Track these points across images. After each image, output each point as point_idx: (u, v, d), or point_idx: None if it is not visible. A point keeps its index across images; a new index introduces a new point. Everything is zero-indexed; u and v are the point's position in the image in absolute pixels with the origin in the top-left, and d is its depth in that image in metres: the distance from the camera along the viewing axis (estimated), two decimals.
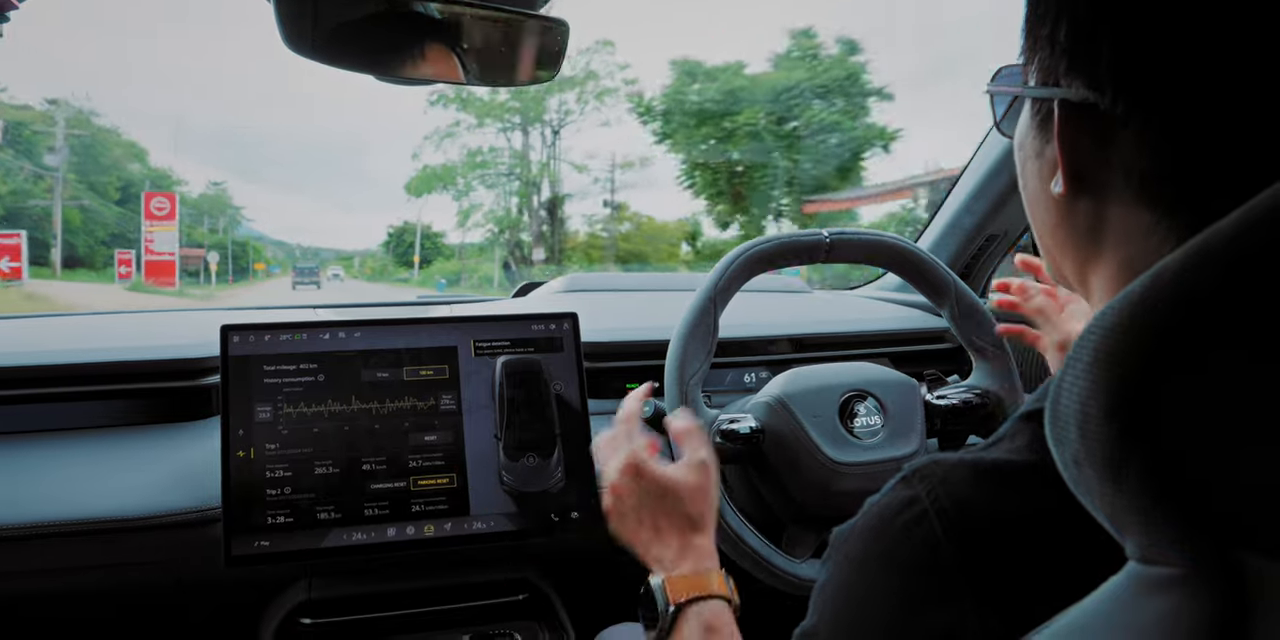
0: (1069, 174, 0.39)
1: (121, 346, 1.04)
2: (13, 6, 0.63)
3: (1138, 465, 0.26)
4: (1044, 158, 0.42)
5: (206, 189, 42.35)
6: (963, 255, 1.45)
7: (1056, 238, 0.43)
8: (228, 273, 34.53)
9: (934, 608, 0.37)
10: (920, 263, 1.02)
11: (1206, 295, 0.25)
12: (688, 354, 0.91)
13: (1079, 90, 0.37)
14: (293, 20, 0.61)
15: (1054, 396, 0.29)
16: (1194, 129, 0.35)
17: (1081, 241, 0.41)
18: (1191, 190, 0.35)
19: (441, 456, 0.93)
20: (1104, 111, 0.37)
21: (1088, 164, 0.39)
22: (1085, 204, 0.40)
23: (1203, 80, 0.34)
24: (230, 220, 40.22)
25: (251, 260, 41.41)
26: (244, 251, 41.29)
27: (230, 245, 37.26)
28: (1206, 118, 0.34)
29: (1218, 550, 0.25)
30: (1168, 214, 0.36)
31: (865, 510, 0.43)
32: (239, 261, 38.34)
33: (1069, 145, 0.39)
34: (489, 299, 1.50)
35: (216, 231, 38.75)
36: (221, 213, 39.53)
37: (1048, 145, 0.41)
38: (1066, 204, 0.41)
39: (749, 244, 0.97)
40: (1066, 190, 0.40)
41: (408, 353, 0.95)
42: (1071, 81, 0.38)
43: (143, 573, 0.92)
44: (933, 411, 0.99)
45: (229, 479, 0.87)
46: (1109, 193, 0.38)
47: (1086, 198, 0.40)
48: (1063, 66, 0.38)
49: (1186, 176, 0.35)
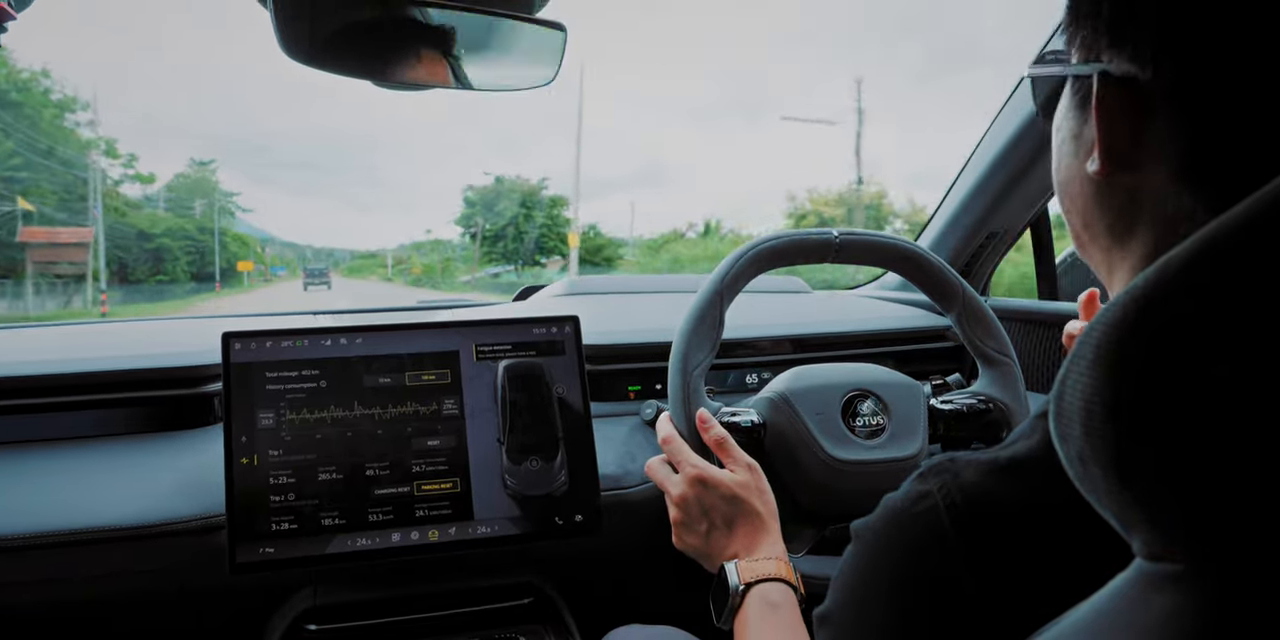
0: (1106, 150, 0.39)
1: (123, 355, 1.04)
2: (11, 17, 0.63)
3: (1142, 462, 0.26)
4: (1081, 138, 0.42)
5: (187, 168, 36.92)
6: (963, 253, 1.45)
7: (1089, 220, 0.43)
8: (187, 277, 29.53)
9: (937, 597, 0.38)
10: (929, 267, 1.02)
11: (1212, 289, 0.25)
12: (692, 345, 0.91)
13: (1121, 64, 0.37)
14: (290, 26, 0.61)
15: (1058, 392, 0.29)
16: (1235, 107, 0.34)
17: (1114, 224, 0.41)
18: (1231, 175, 0.35)
19: (445, 461, 0.93)
20: (1145, 85, 0.36)
21: (1127, 143, 0.38)
22: (1121, 183, 0.40)
23: (1248, 56, 0.34)
24: (219, 208, 34.66)
25: (235, 257, 34.78)
26: (242, 247, 34.73)
27: (218, 237, 31.79)
28: (1249, 95, 0.34)
29: (1224, 547, 0.25)
30: (1206, 199, 0.36)
31: (882, 504, 0.44)
32: (211, 258, 32.43)
33: (1107, 121, 0.39)
34: (490, 303, 1.50)
35: (191, 213, 33.11)
36: (204, 197, 34.32)
37: (1086, 124, 0.41)
38: (1102, 184, 0.41)
39: (759, 239, 0.97)
40: (1103, 168, 0.39)
41: (410, 358, 0.95)
42: (1114, 56, 0.38)
43: (147, 581, 0.92)
44: (936, 416, 0.99)
45: (232, 486, 0.87)
46: (1146, 172, 0.38)
47: (1123, 177, 0.39)
48: (1105, 41, 0.38)
49: (1227, 160, 0.35)
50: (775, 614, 0.70)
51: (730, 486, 0.79)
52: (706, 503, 0.80)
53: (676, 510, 0.82)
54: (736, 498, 0.79)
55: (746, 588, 0.72)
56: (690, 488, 0.81)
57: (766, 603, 0.71)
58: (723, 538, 0.79)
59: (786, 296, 1.58)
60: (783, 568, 0.74)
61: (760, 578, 0.73)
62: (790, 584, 0.73)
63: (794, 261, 0.99)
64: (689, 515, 0.81)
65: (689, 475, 0.81)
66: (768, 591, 0.72)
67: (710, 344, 0.92)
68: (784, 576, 0.73)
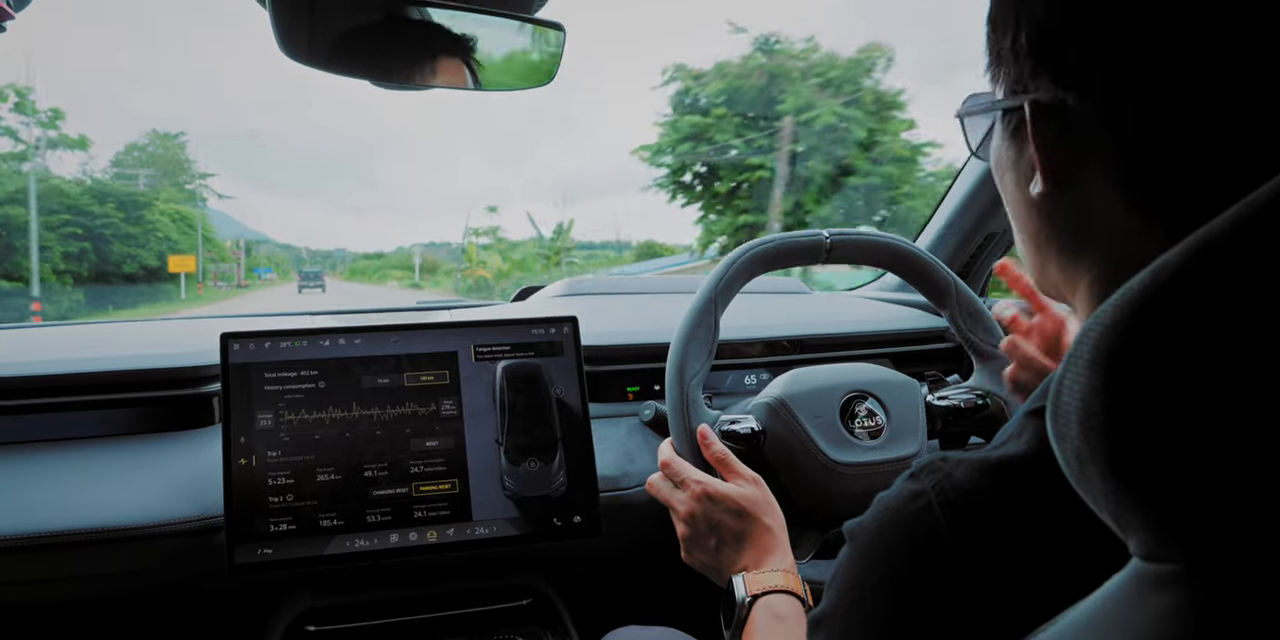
0: (1047, 173, 0.40)
1: (122, 355, 1.04)
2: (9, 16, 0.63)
3: (1139, 463, 0.26)
4: (1020, 165, 0.42)
5: (144, 138, 26.94)
6: (961, 254, 1.45)
7: (1039, 242, 0.43)
8: (66, 280, 16.88)
9: (932, 596, 0.38)
10: (920, 263, 1.02)
11: (1209, 290, 0.25)
12: (688, 354, 0.91)
13: (1047, 91, 0.38)
14: (289, 26, 0.61)
15: (1055, 393, 0.29)
16: (1166, 122, 0.35)
17: (1065, 243, 0.41)
18: (1171, 186, 0.35)
19: (443, 462, 0.93)
20: (1075, 110, 0.37)
21: (1066, 165, 0.39)
22: (1066, 204, 0.40)
23: (1171, 72, 0.34)
24: (184, 188, 25.32)
25: (175, 248, 21.86)
26: (185, 234, 22.06)
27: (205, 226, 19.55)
28: (1178, 110, 0.34)
29: (1220, 547, 0.25)
30: (1149, 210, 0.36)
31: (875, 504, 0.44)
32: (129, 249, 19.78)
33: (1045, 146, 0.39)
34: (489, 303, 1.50)
35: (131, 184, 22.44)
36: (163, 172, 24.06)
37: (1023, 154, 0.41)
38: (1047, 205, 0.41)
39: (749, 244, 0.97)
40: (1046, 188, 0.40)
41: (408, 358, 0.95)
42: (1039, 84, 0.38)
43: (145, 582, 0.92)
44: (933, 412, 0.99)
45: (231, 487, 0.87)
46: (1089, 191, 0.38)
47: (1067, 197, 0.40)
48: (1028, 71, 0.39)
49: (1167, 173, 0.35)
50: (781, 625, 0.70)
51: (737, 500, 0.80)
52: (714, 518, 0.80)
53: (684, 526, 0.82)
54: (743, 511, 0.79)
55: (753, 600, 0.72)
56: (697, 503, 0.81)
57: (773, 614, 0.71)
58: (731, 552, 0.79)
59: (785, 297, 1.58)
60: (790, 579, 0.74)
61: (767, 589, 0.73)
62: (797, 595, 0.73)
63: (786, 264, 0.99)
64: (696, 531, 0.81)
65: (695, 491, 0.81)
66: (774, 603, 0.72)
67: (707, 352, 0.92)
68: (790, 588, 0.73)
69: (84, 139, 23.74)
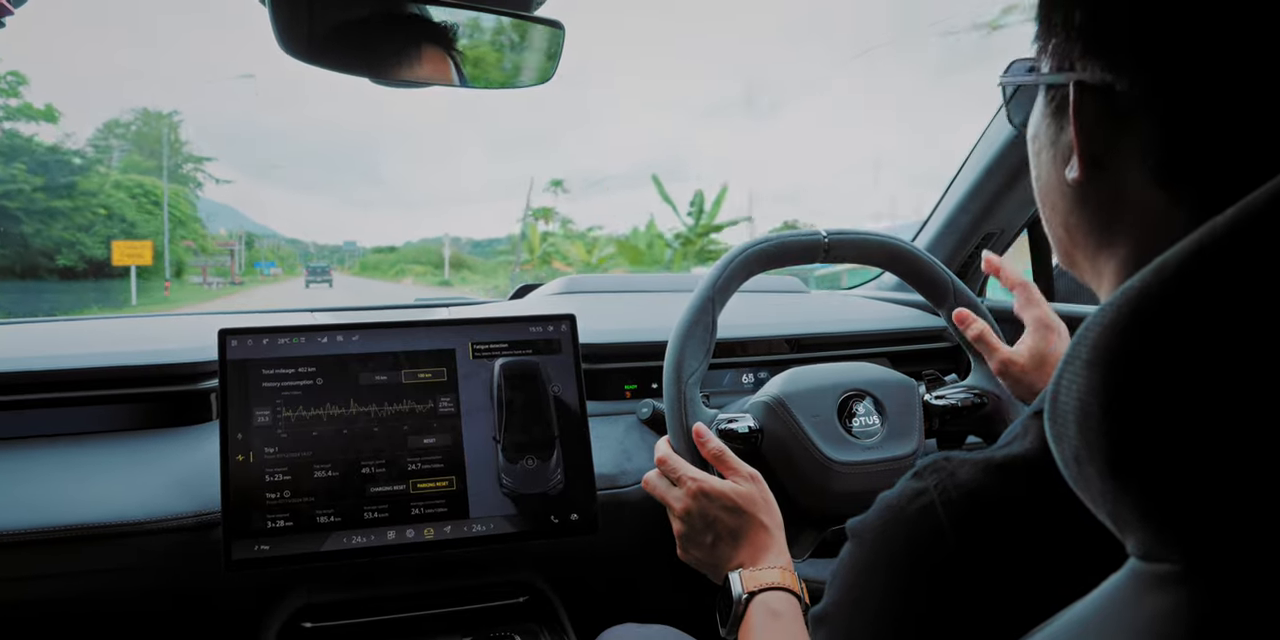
0: (1085, 158, 0.39)
1: (119, 351, 1.04)
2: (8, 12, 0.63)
3: (1137, 463, 0.26)
4: (1058, 145, 0.42)
5: (128, 115, 21.88)
6: (959, 254, 1.45)
7: (1070, 226, 0.43)
8: None
9: (933, 594, 0.38)
10: (918, 263, 1.02)
11: (1208, 290, 0.25)
12: (685, 353, 0.91)
13: (1095, 72, 0.37)
14: (288, 23, 0.61)
15: (1053, 393, 0.29)
16: (1213, 112, 0.34)
17: (1097, 229, 0.41)
18: (1209, 176, 0.35)
19: (440, 459, 0.93)
20: (1121, 94, 0.37)
21: (1104, 148, 0.39)
22: (1101, 189, 0.40)
23: (1224, 61, 0.34)
24: (176, 172, 20.31)
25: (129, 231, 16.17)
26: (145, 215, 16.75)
27: None
28: (1227, 100, 0.34)
29: (1218, 547, 0.25)
30: (1185, 200, 0.36)
31: (878, 502, 0.44)
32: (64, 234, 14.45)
33: (1085, 129, 0.39)
34: (487, 301, 1.49)
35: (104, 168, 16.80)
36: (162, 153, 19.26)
37: (1062, 132, 0.41)
38: (1082, 190, 0.41)
39: (748, 243, 0.97)
40: (1082, 175, 0.40)
41: (406, 356, 0.95)
42: (1088, 64, 0.38)
43: (142, 578, 0.92)
44: (931, 411, 0.99)
45: (228, 483, 0.87)
46: (1126, 178, 0.38)
47: (1103, 183, 0.39)
48: (1078, 50, 0.38)
49: (1205, 161, 0.35)
50: (777, 623, 0.70)
51: (733, 497, 0.80)
52: (710, 515, 0.80)
53: (680, 523, 0.82)
54: (739, 508, 0.79)
55: (750, 597, 0.72)
56: (693, 500, 0.81)
57: (769, 611, 0.71)
58: (728, 549, 0.79)
59: (783, 296, 1.58)
60: (786, 576, 0.74)
61: (764, 586, 0.73)
62: (794, 592, 0.73)
63: (784, 263, 0.99)
64: (693, 528, 0.81)
65: (691, 488, 0.81)
66: (771, 600, 0.72)
67: (704, 351, 0.92)
68: (787, 585, 0.73)
69: (51, 109, 18.75)
